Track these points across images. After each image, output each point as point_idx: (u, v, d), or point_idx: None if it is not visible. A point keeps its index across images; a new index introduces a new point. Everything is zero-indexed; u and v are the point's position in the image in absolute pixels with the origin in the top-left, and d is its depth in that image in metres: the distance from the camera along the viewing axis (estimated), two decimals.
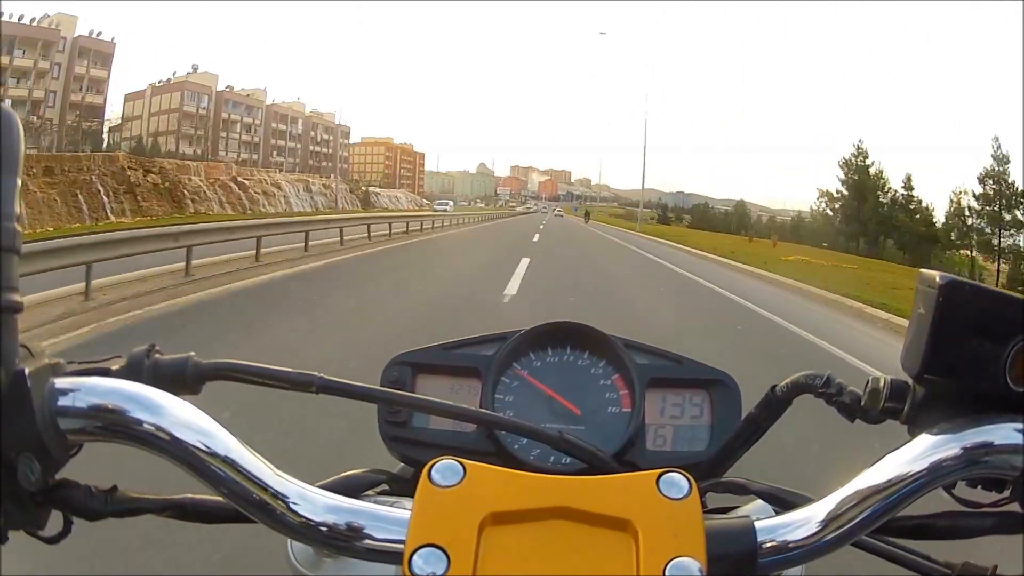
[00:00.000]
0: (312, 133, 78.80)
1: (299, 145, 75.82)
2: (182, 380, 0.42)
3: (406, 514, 0.36)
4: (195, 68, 61.51)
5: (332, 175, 60.62)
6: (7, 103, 0.36)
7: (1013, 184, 41.49)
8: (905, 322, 0.55)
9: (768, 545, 0.37)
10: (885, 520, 0.37)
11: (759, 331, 7.63)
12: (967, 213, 44.54)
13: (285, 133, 73.01)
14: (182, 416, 0.37)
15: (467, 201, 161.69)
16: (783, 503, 0.45)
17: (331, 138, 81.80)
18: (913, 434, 0.40)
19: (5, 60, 41.08)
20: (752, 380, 0.66)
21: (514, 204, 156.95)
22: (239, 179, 42.54)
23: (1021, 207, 41.16)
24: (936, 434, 0.38)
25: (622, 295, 10.02)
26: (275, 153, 70.73)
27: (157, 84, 58.96)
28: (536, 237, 24.23)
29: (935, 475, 0.37)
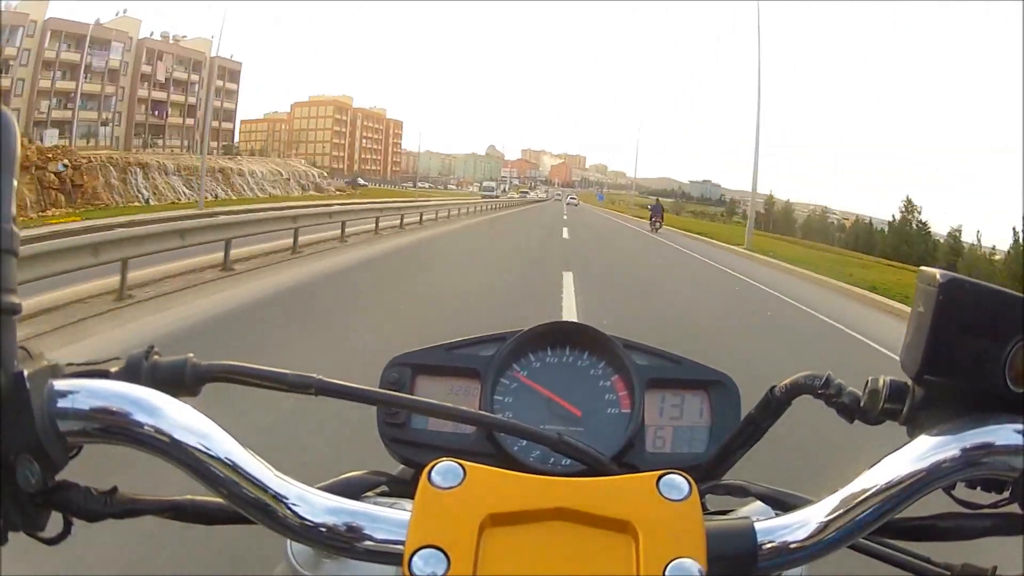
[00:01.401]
0: (147, 67, 47.92)
1: (119, 88, 45.76)
2: (181, 382, 0.42)
3: (406, 515, 0.36)
4: None
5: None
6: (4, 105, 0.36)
7: None
8: None
9: (768, 546, 0.37)
10: (884, 521, 0.37)
11: None
12: None
13: (80, 66, 41.71)
14: (181, 418, 0.37)
15: (458, 185, 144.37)
16: (783, 505, 0.44)
17: (198, 78, 51.34)
18: (912, 435, 0.40)
19: None
20: None
21: (494, 184, 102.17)
22: None
23: None
24: (935, 435, 0.38)
25: None
26: (46, 100, 40.74)
27: None
28: None
29: (934, 476, 0.37)
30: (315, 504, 0.37)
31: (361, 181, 75.76)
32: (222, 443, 0.37)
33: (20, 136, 0.36)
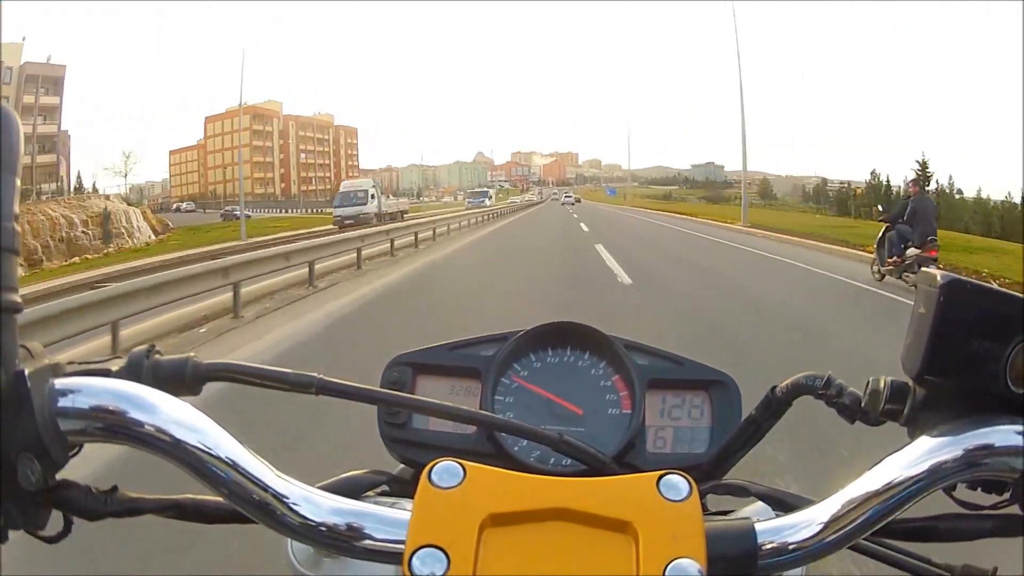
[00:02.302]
0: None
1: None
2: (182, 381, 0.42)
3: (406, 515, 0.36)
4: None
5: None
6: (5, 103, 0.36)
7: None
8: None
9: (768, 546, 0.37)
10: (885, 522, 0.37)
11: None
12: None
13: None
14: (182, 417, 0.37)
15: (434, 197, 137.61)
16: (783, 505, 0.44)
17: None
18: (913, 436, 0.40)
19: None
20: None
21: (369, 187, 38.58)
22: None
23: None
24: (936, 436, 0.38)
25: None
26: None
27: None
28: None
29: (935, 477, 0.37)
30: (315, 503, 0.37)
31: (236, 212, 44.21)
32: (223, 442, 0.37)
33: (23, 135, 0.36)
